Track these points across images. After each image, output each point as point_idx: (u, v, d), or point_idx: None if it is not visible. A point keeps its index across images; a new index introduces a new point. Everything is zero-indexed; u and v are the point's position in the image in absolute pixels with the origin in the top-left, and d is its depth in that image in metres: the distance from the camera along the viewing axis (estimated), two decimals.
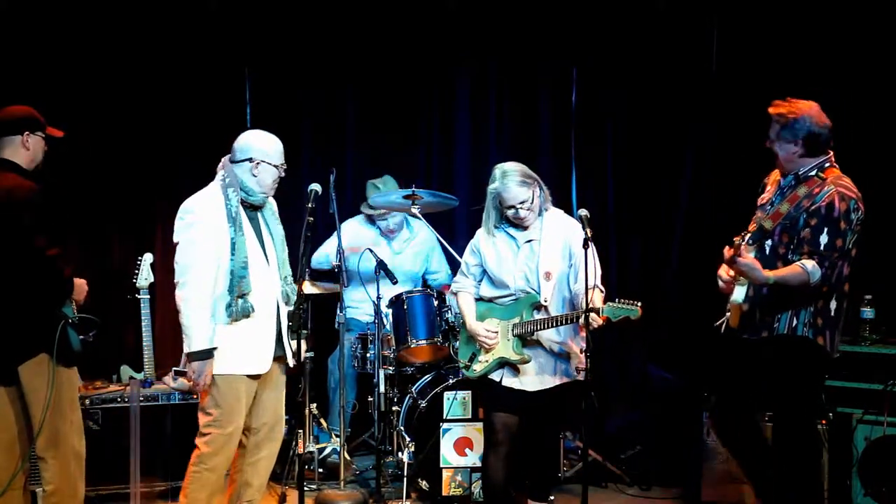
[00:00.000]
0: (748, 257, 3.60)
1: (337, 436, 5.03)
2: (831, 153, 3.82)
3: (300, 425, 4.61)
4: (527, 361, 4.05)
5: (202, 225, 3.74)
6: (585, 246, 3.79)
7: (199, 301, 3.71)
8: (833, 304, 3.80)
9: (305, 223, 3.93)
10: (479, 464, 4.66)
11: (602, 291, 4.06)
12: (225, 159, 3.92)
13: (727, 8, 5.58)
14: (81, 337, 3.92)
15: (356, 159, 6.10)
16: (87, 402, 4.65)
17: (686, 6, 5.68)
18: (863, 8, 5.19)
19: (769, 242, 3.79)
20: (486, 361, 4.13)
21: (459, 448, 4.70)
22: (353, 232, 5.65)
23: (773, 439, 4.08)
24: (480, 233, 4.25)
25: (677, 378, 5.58)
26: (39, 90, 5.05)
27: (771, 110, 3.81)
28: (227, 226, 3.77)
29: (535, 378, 4.09)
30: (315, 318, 5.16)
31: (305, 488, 4.09)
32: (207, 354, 3.72)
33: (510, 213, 4.10)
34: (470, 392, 4.71)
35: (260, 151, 3.89)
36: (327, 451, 5.21)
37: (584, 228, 3.84)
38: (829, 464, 4.43)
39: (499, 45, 5.99)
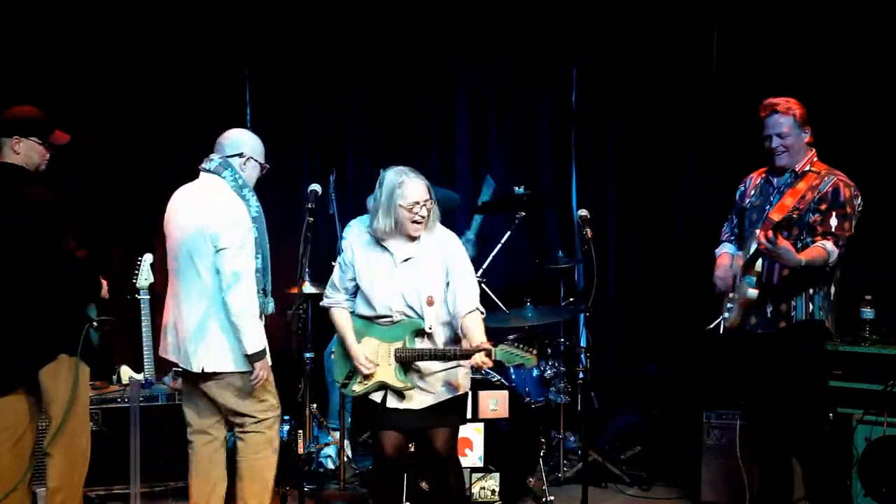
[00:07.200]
0: (784, 241, 3.67)
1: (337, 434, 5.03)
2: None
3: (300, 425, 4.60)
4: (410, 388, 3.71)
5: (246, 227, 3.81)
6: (586, 246, 3.77)
7: (254, 304, 3.81)
8: (833, 290, 3.91)
9: (305, 223, 3.94)
10: (479, 464, 4.67)
11: (482, 313, 3.71)
12: (216, 157, 3.90)
13: (727, 9, 5.58)
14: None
15: (356, 159, 6.10)
16: None
17: (686, 7, 5.68)
18: (862, 10, 5.19)
19: None
20: (366, 384, 3.76)
21: (459, 448, 4.68)
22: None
23: (795, 436, 3.99)
24: (352, 242, 3.82)
25: (677, 378, 5.58)
26: (38, 90, 5.05)
27: (778, 107, 3.87)
28: (252, 225, 3.84)
29: (419, 397, 3.75)
30: (315, 317, 5.15)
31: (305, 488, 4.09)
32: (265, 352, 3.84)
33: (407, 214, 3.64)
34: (469, 392, 4.69)
35: (251, 148, 3.95)
36: (327, 451, 5.20)
37: (584, 229, 3.82)
38: None
39: (499, 44, 5.99)
